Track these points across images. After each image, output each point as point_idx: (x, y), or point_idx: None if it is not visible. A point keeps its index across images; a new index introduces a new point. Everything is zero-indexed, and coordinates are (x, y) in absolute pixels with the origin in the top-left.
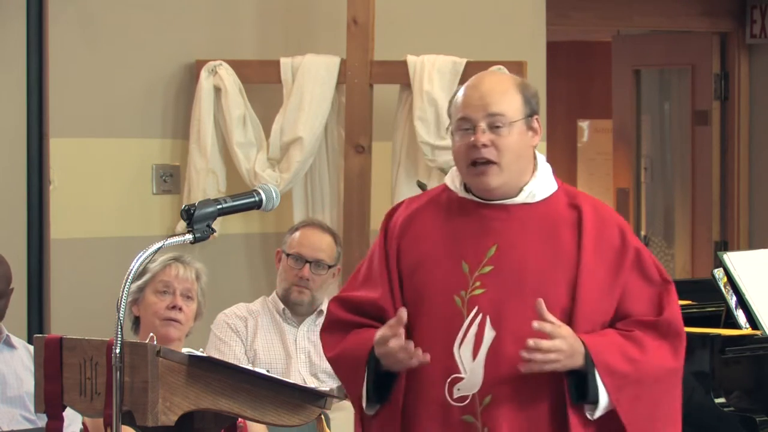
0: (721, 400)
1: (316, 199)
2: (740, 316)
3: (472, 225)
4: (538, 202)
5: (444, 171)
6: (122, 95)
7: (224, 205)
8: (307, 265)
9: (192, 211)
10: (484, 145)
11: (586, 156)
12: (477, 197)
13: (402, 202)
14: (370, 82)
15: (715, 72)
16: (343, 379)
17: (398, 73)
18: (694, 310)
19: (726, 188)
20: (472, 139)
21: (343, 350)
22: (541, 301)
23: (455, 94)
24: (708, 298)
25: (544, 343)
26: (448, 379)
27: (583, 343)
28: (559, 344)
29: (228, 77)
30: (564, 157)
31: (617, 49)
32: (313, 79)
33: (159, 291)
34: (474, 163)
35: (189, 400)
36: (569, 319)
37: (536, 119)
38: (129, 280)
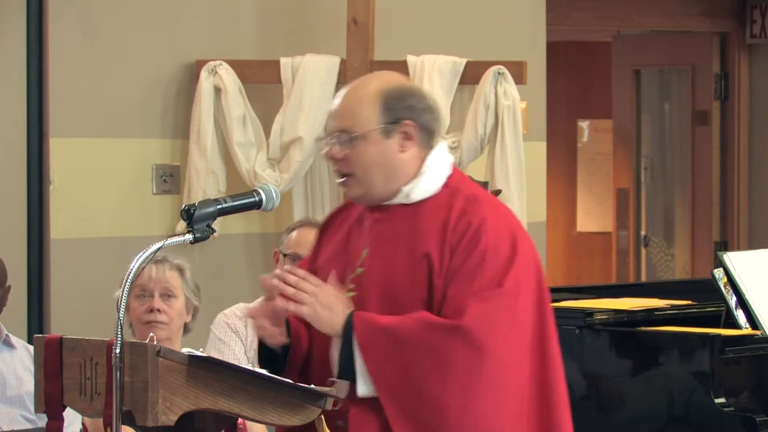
0: (721, 400)
1: (316, 199)
2: (740, 316)
3: (358, 229)
4: (415, 203)
5: None
6: (122, 95)
7: (224, 205)
8: None
9: (192, 211)
10: (336, 159)
11: (586, 156)
12: None
13: (340, 208)
14: None
15: (715, 72)
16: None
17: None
18: (694, 310)
19: (726, 188)
20: (325, 151)
21: None
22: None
23: None
24: (708, 298)
25: (300, 271)
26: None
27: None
28: (316, 285)
29: (228, 77)
30: (564, 157)
31: (617, 49)
32: (313, 79)
33: (137, 295)
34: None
35: (189, 400)
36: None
37: (406, 123)
38: (129, 280)
